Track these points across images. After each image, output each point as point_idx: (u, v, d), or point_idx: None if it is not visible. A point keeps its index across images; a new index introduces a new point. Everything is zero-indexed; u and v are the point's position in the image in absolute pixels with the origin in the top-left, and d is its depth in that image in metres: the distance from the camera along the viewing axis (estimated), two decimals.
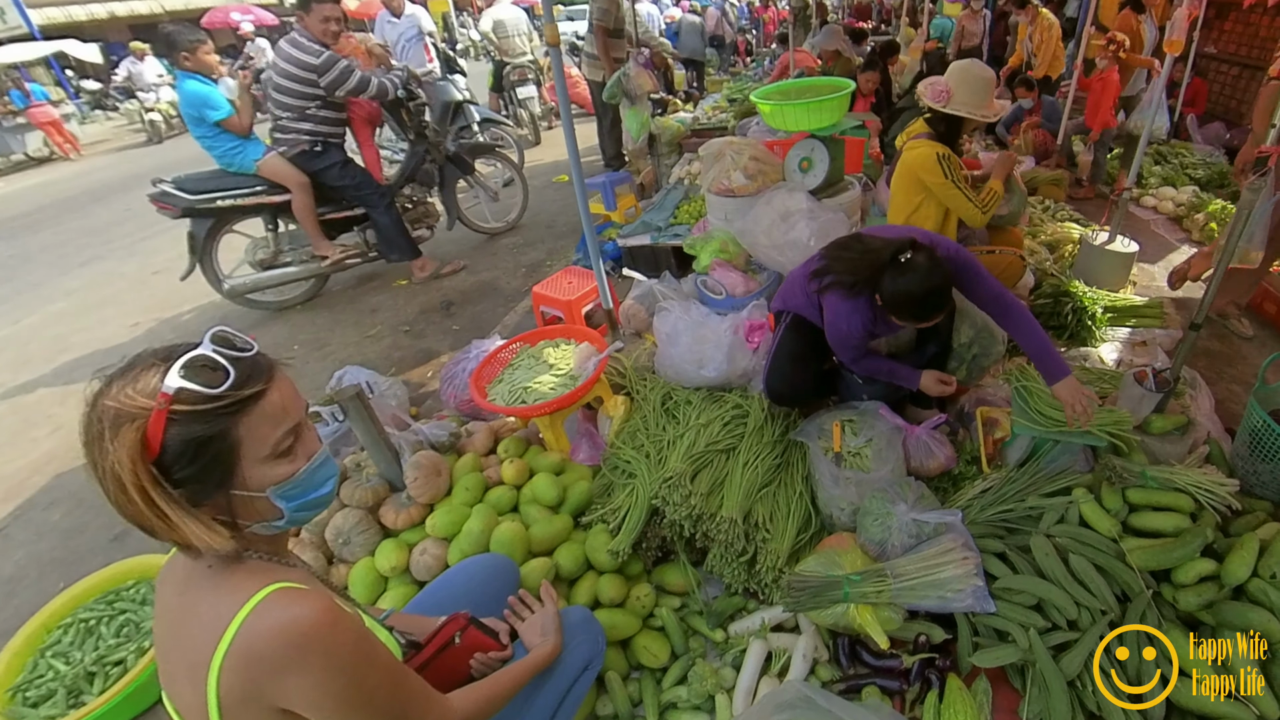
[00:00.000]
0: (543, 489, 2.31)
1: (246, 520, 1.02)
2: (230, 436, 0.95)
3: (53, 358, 4.64)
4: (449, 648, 1.46)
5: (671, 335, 2.67)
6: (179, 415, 0.90)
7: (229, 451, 0.95)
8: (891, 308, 2.13)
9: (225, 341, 1.00)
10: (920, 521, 2.01)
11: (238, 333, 1.04)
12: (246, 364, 0.98)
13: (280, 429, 1.00)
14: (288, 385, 1.05)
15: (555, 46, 2.48)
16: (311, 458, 1.06)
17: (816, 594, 1.81)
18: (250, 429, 0.96)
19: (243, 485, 0.98)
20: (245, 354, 1.00)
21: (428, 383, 3.67)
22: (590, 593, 2.06)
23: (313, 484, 1.07)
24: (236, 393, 0.94)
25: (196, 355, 0.95)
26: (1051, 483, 2.20)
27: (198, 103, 4.10)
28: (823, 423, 2.43)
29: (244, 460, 0.97)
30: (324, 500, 1.11)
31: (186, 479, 0.92)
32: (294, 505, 1.04)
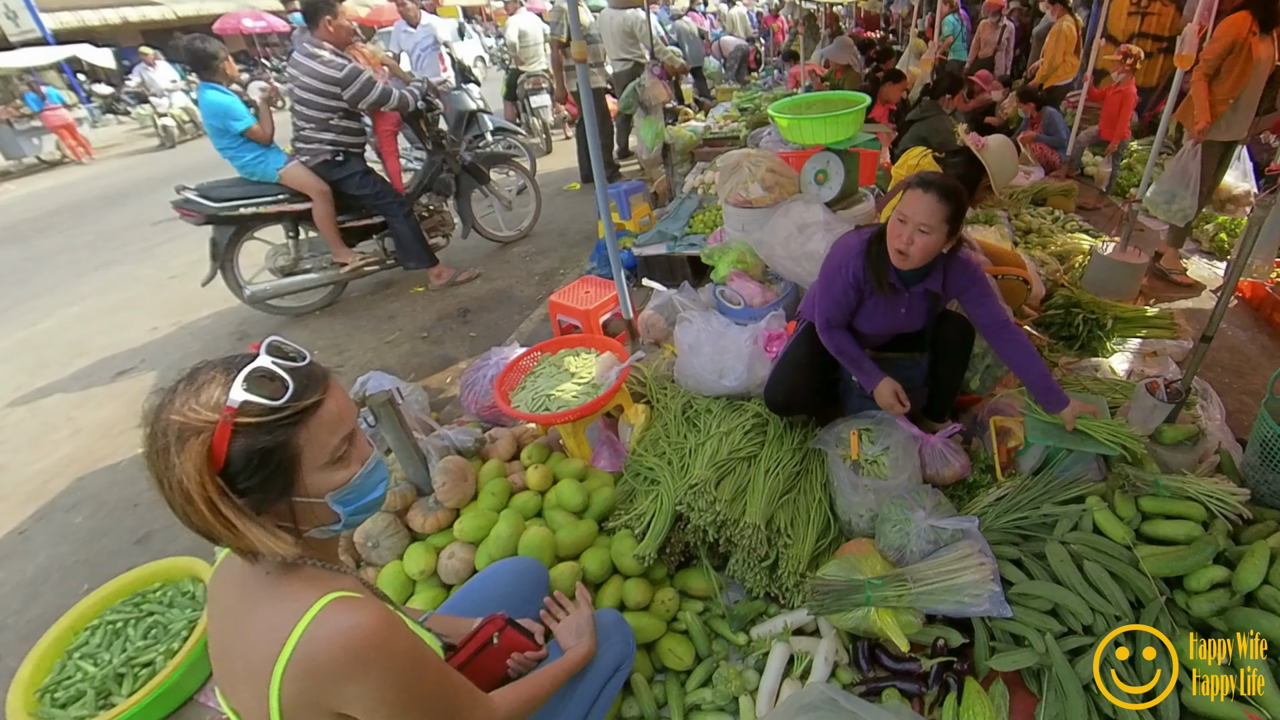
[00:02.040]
0: (568, 495, 2.36)
1: (306, 525, 1.06)
2: (292, 446, 0.98)
3: (70, 361, 4.71)
4: (487, 648, 1.50)
5: (694, 346, 2.72)
6: (243, 427, 0.93)
7: (291, 460, 0.99)
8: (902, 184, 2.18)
9: (280, 352, 1.03)
10: (938, 528, 2.06)
11: (289, 342, 1.07)
12: (303, 374, 1.02)
13: (337, 436, 1.04)
14: (341, 393, 1.08)
15: (582, 62, 2.54)
16: (365, 462, 1.09)
17: (840, 597, 1.86)
18: (310, 437, 1.00)
19: (304, 492, 1.02)
20: (300, 364, 1.03)
21: (447, 388, 3.73)
22: (616, 597, 2.11)
23: (366, 488, 1.10)
24: (297, 403, 0.98)
25: (257, 367, 0.98)
26: (1065, 491, 2.24)
27: (221, 113, 4.18)
28: (840, 431, 2.48)
29: (305, 468, 1.00)
30: (376, 503, 1.14)
31: (251, 488, 0.96)
32: (350, 510, 1.08)
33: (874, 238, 2.27)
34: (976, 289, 2.27)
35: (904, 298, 2.34)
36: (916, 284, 2.30)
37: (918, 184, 2.08)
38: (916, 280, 2.28)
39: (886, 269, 2.24)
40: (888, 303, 2.34)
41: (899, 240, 2.12)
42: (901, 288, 2.31)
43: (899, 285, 2.29)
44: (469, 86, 6.74)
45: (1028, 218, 5.02)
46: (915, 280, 2.28)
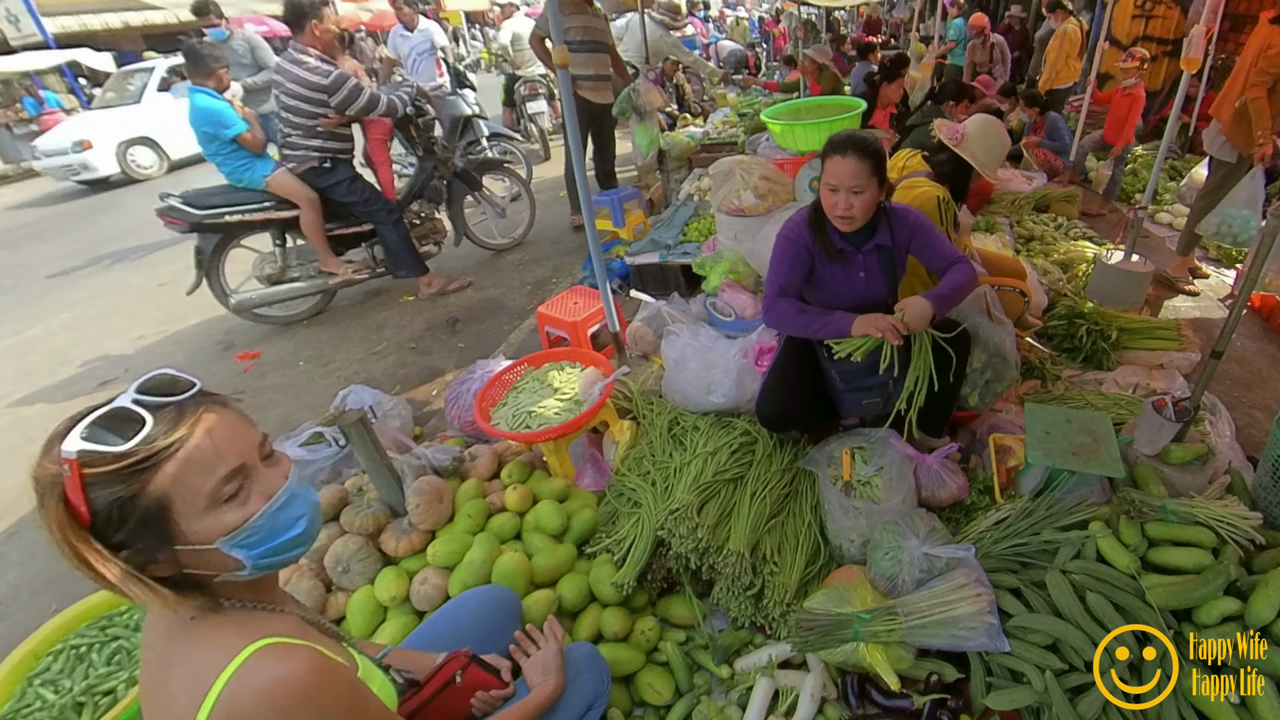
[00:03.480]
0: (546, 517, 2.27)
1: (207, 572, 0.96)
2: (153, 493, 0.88)
3: (54, 370, 4.62)
4: (450, 687, 1.42)
5: (680, 360, 2.63)
6: (94, 478, 0.85)
7: (158, 509, 0.89)
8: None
9: (153, 388, 0.94)
10: (932, 556, 1.96)
11: (181, 373, 0.98)
12: (170, 411, 0.92)
13: (214, 476, 0.92)
14: (225, 425, 0.96)
15: (564, 68, 2.45)
16: (271, 498, 0.99)
17: (826, 633, 1.76)
18: (177, 480, 0.89)
19: (184, 540, 0.91)
20: (172, 399, 0.94)
21: (432, 401, 3.64)
22: (593, 626, 2.02)
23: (275, 528, 0.99)
24: (148, 446, 0.88)
25: (110, 410, 0.90)
26: (1068, 515, 2.14)
27: (212, 119, 4.10)
28: (832, 450, 2.38)
29: (177, 515, 0.90)
30: (296, 542, 1.03)
31: (123, 543, 0.88)
32: (257, 554, 0.97)
33: (813, 208, 2.32)
34: (923, 233, 2.31)
35: (858, 260, 2.34)
36: (866, 243, 2.31)
37: (833, 151, 2.14)
38: (865, 239, 2.30)
39: (831, 236, 2.28)
40: (843, 269, 2.34)
41: (837, 209, 2.17)
42: (853, 249, 2.31)
43: (849, 248, 2.31)
44: (464, 92, 6.67)
45: (1030, 225, 4.92)
46: (864, 239, 2.30)
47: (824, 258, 2.31)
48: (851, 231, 2.25)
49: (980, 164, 2.80)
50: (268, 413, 3.78)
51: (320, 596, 2.15)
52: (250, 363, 4.38)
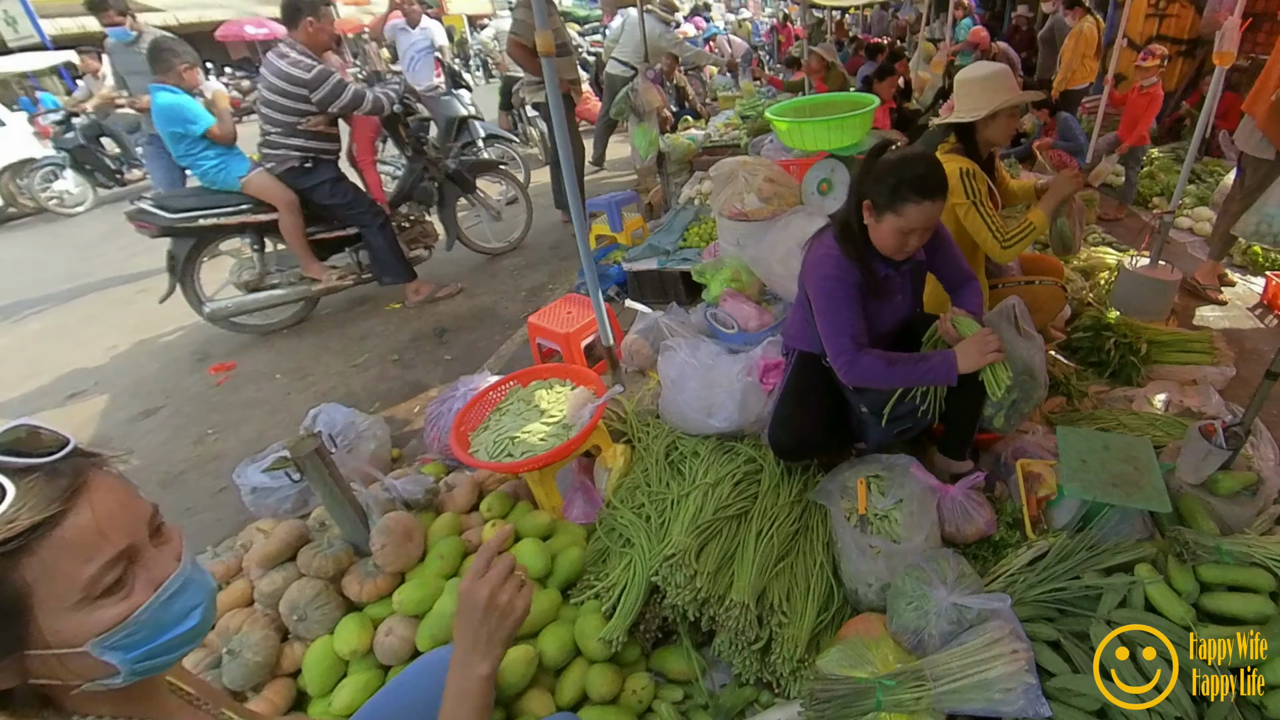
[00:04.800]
0: (528, 558, 2.02)
1: (63, 682, 0.74)
2: (9, 586, 0.67)
3: (22, 382, 4.41)
4: None
5: (678, 379, 2.40)
6: None
7: (13, 605, 0.68)
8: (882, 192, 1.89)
9: (20, 444, 0.73)
10: (962, 607, 1.73)
11: (46, 426, 0.76)
12: (39, 477, 0.71)
13: (96, 561, 0.72)
14: (110, 496, 0.76)
15: (549, 56, 2.23)
16: (159, 587, 0.78)
17: (845, 705, 1.52)
18: (45, 569, 0.69)
19: (40, 644, 0.71)
20: (42, 460, 0.72)
21: (414, 419, 3.41)
22: (578, 685, 1.78)
23: (162, 624, 0.79)
24: (7, 527, 0.67)
25: None
26: (1115, 555, 1.91)
27: (176, 116, 3.90)
28: (846, 480, 2.15)
29: (41, 614, 0.70)
30: (185, 639, 0.82)
31: None
32: (135, 655, 0.76)
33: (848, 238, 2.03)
34: (944, 244, 2.18)
35: (897, 282, 2.14)
36: (906, 262, 2.09)
37: (920, 195, 1.85)
38: (906, 259, 2.07)
39: (875, 265, 2.05)
40: (886, 298, 2.13)
41: (906, 248, 1.97)
42: (893, 272, 2.10)
43: (891, 272, 2.10)
44: (460, 92, 6.46)
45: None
46: (904, 259, 2.06)
47: (869, 291, 2.05)
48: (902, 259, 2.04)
49: (970, 112, 2.59)
50: (238, 430, 3.56)
51: (274, 647, 1.91)
52: (224, 375, 4.15)
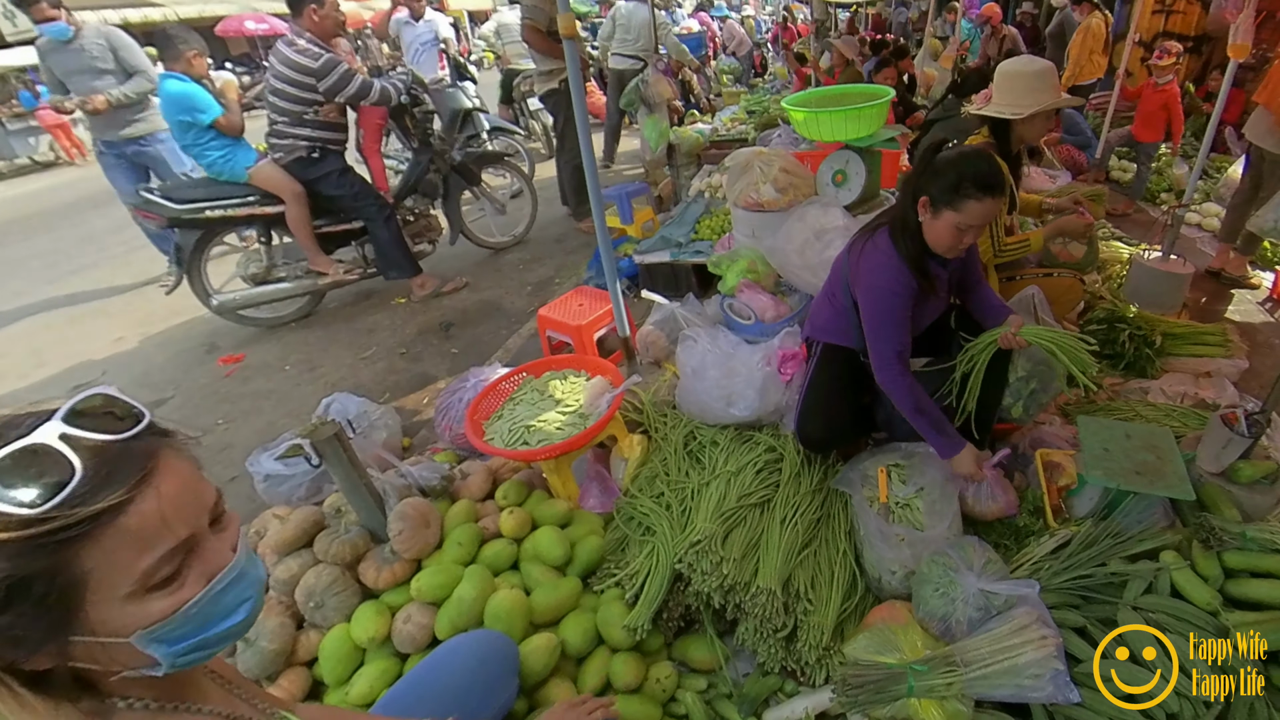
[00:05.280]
0: (547, 545, 2.00)
1: (104, 668, 0.72)
2: (66, 573, 0.63)
3: (28, 373, 4.37)
4: None
5: (698, 369, 2.38)
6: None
7: (67, 592, 0.64)
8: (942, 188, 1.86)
9: (89, 416, 0.68)
10: (990, 593, 1.71)
11: (123, 396, 0.72)
12: (110, 457, 0.66)
13: (154, 553, 0.68)
14: (178, 481, 0.71)
15: (571, 39, 2.21)
16: (213, 580, 0.74)
17: (878, 690, 1.50)
18: (104, 557, 0.65)
19: (87, 631, 0.67)
20: (115, 437, 0.68)
21: (423, 410, 3.38)
22: (601, 675, 1.75)
23: (208, 619, 0.75)
24: (72, 512, 0.62)
25: (26, 448, 0.63)
26: (1140, 542, 1.89)
27: (185, 104, 3.86)
28: (866, 469, 2.14)
29: (91, 602, 0.66)
30: (232, 633, 0.79)
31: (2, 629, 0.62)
32: (180, 649, 0.73)
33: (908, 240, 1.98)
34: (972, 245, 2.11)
35: (943, 278, 2.10)
36: (953, 259, 2.04)
37: (983, 191, 1.82)
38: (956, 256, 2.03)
39: (930, 266, 2.00)
40: (934, 298, 2.08)
41: (962, 244, 1.92)
42: (942, 267, 2.06)
43: (940, 267, 2.06)
44: (465, 84, 6.44)
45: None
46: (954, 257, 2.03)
47: (922, 295, 2.02)
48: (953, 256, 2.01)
49: (1011, 109, 2.57)
50: (248, 420, 3.54)
51: (289, 636, 1.89)
52: (233, 367, 4.12)
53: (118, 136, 4.91)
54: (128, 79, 4.83)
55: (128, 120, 4.89)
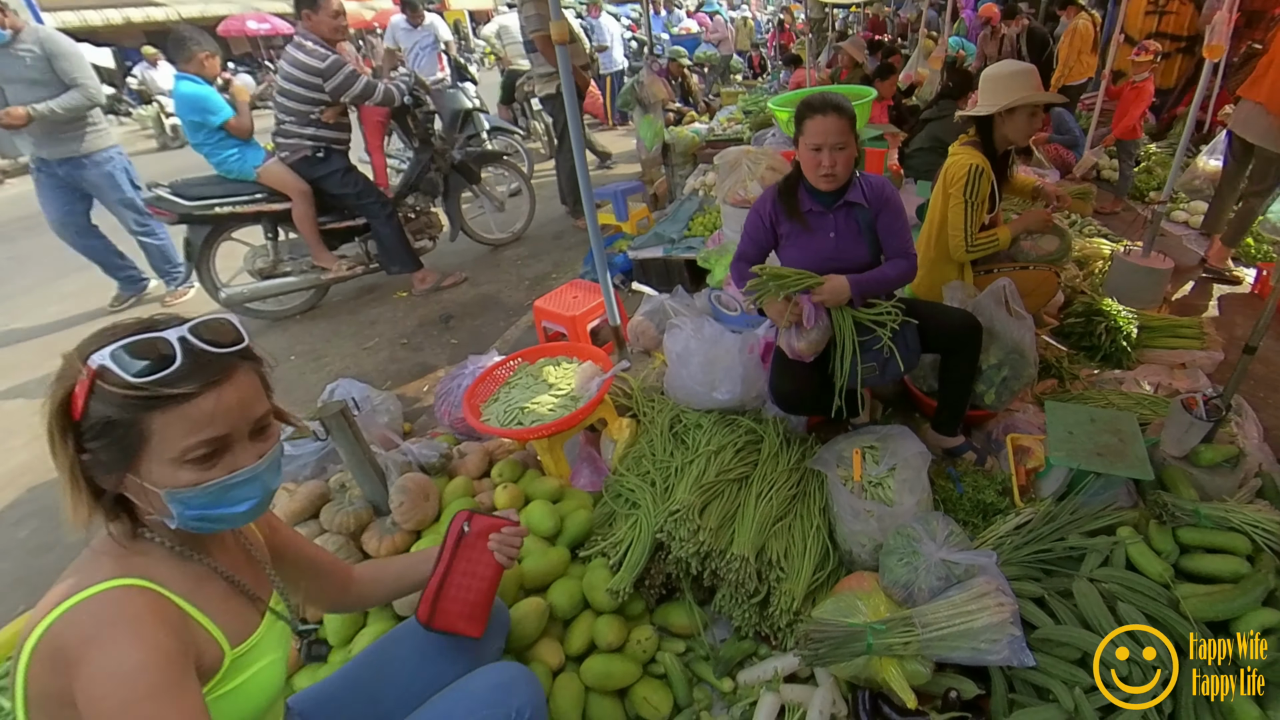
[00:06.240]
0: (538, 518, 2.13)
1: (142, 506, 0.99)
2: (139, 427, 0.91)
3: (41, 364, 4.48)
4: (463, 539, 1.48)
5: (683, 355, 2.49)
6: (100, 391, 0.90)
7: (135, 441, 0.92)
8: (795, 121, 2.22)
9: (204, 330, 0.97)
10: (950, 562, 1.83)
11: (239, 326, 1.03)
12: (202, 362, 0.94)
13: (196, 437, 0.94)
14: (236, 393, 0.98)
15: (564, 44, 2.33)
16: (232, 473, 0.99)
17: (837, 646, 1.62)
18: (164, 426, 0.92)
19: (139, 474, 0.94)
20: (211, 349, 0.96)
21: (423, 397, 3.51)
22: (586, 635, 1.88)
23: (219, 500, 0.99)
24: (158, 389, 0.90)
25: (149, 339, 0.93)
26: (1094, 520, 2.00)
27: (198, 106, 3.99)
28: (842, 449, 2.25)
29: (147, 454, 0.93)
30: (230, 519, 1.03)
31: (92, 449, 0.92)
32: (190, 513, 0.98)
33: (787, 178, 2.36)
34: (891, 209, 2.31)
35: (829, 220, 2.31)
36: (835, 201, 2.29)
37: (812, 111, 2.15)
38: (835, 198, 2.29)
39: (801, 198, 2.31)
40: (808, 231, 2.33)
41: (821, 167, 2.18)
42: (821, 209, 2.31)
43: (818, 208, 2.31)
44: (465, 85, 6.56)
45: None
46: (834, 199, 2.29)
47: (788, 222, 2.33)
48: (835, 189, 2.25)
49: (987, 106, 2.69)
50: None
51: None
52: None
53: (51, 155, 4.51)
54: (64, 91, 4.33)
55: (60, 138, 4.43)
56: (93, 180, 4.71)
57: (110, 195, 4.84)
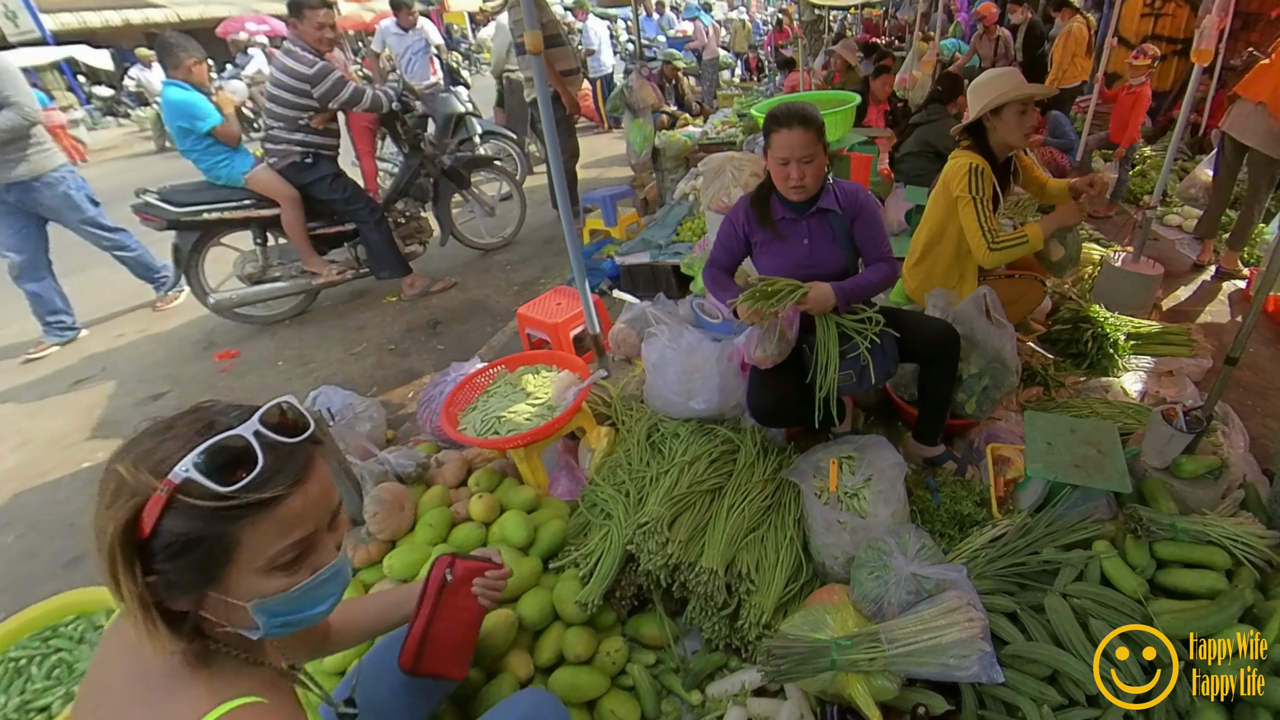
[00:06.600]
0: (512, 528, 2.12)
1: (219, 621, 0.90)
2: (226, 540, 0.83)
3: (30, 368, 4.52)
4: (445, 588, 1.45)
5: (659, 365, 2.48)
6: (181, 506, 0.80)
7: (221, 555, 0.83)
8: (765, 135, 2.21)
9: (278, 421, 0.89)
10: (920, 576, 1.82)
11: (297, 405, 0.94)
12: (282, 456, 0.86)
13: (288, 540, 0.87)
14: (319, 485, 0.91)
15: (537, 54, 2.32)
16: (317, 571, 0.92)
17: (800, 661, 1.61)
18: (253, 536, 0.84)
19: (224, 591, 0.86)
20: (289, 441, 0.88)
21: (408, 404, 3.51)
22: (555, 647, 1.87)
23: (304, 603, 0.93)
24: (249, 495, 0.82)
25: (229, 438, 0.83)
26: (1070, 533, 1.99)
27: (186, 112, 3.99)
28: (819, 460, 2.24)
29: (235, 567, 0.85)
30: (312, 619, 0.96)
31: (166, 570, 0.82)
32: (275, 621, 0.91)
33: (759, 187, 2.36)
34: (866, 215, 2.31)
35: (802, 227, 2.32)
36: (809, 209, 2.30)
37: (777, 125, 2.14)
38: (807, 206, 2.29)
39: (771, 208, 2.31)
40: (781, 239, 2.34)
41: (791, 179, 2.18)
42: (794, 217, 2.32)
43: (790, 215, 2.31)
44: (458, 89, 6.56)
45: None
46: (807, 206, 2.29)
47: (761, 230, 2.33)
48: (805, 199, 2.26)
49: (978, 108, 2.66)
50: None
51: None
52: (229, 362, 4.26)
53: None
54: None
55: (2, 161, 4.13)
56: (48, 204, 4.40)
57: (71, 217, 4.60)
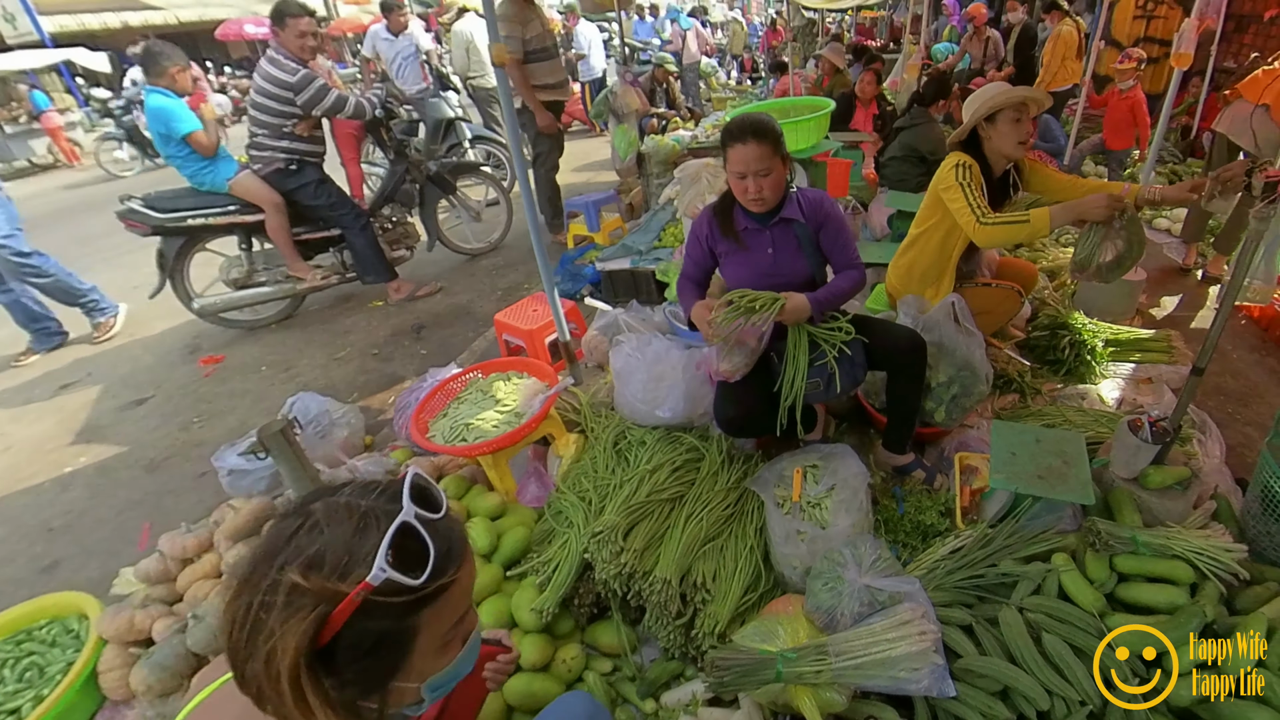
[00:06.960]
0: (475, 535, 2.14)
1: (392, 709, 0.86)
2: (412, 629, 0.80)
3: (16, 373, 4.55)
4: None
5: (624, 372, 2.49)
6: (373, 606, 0.75)
7: (407, 646, 0.81)
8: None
9: (423, 498, 0.86)
10: (874, 589, 1.81)
11: (428, 479, 0.90)
12: (442, 535, 0.83)
13: (456, 615, 0.87)
14: (470, 558, 0.89)
15: (501, 66, 2.33)
16: (467, 640, 0.91)
17: (744, 673, 1.61)
18: (431, 620, 0.82)
19: (405, 678, 0.83)
20: (439, 518, 0.85)
21: (388, 409, 3.52)
22: None
23: (463, 665, 0.92)
24: (434, 582, 0.79)
25: (402, 528, 0.79)
26: (1030, 545, 1.98)
27: (164, 117, 4.01)
28: (784, 469, 2.23)
29: (416, 654, 0.82)
30: (459, 678, 0.94)
31: (350, 673, 0.77)
32: (436, 693, 0.90)
33: (721, 197, 2.37)
34: (833, 225, 2.31)
35: (766, 237, 2.31)
36: (770, 219, 2.29)
37: (732, 139, 2.13)
38: (771, 216, 2.28)
39: (734, 219, 2.31)
40: (745, 249, 2.34)
41: (749, 192, 2.17)
42: (758, 227, 2.31)
43: (754, 226, 2.31)
44: (448, 94, 6.56)
45: None
46: (769, 217, 2.28)
47: (724, 241, 2.33)
48: (766, 211, 2.25)
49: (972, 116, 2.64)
50: (223, 419, 3.68)
51: None
52: (212, 368, 4.28)
53: None
54: None
55: None
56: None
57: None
